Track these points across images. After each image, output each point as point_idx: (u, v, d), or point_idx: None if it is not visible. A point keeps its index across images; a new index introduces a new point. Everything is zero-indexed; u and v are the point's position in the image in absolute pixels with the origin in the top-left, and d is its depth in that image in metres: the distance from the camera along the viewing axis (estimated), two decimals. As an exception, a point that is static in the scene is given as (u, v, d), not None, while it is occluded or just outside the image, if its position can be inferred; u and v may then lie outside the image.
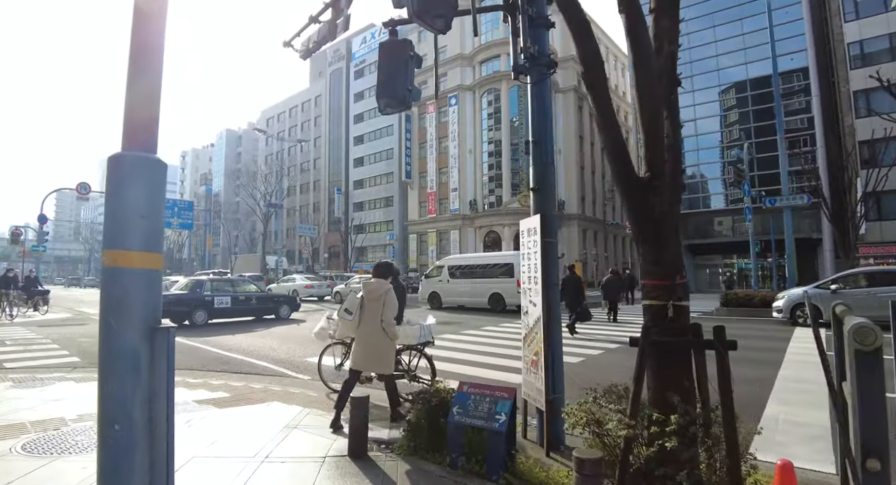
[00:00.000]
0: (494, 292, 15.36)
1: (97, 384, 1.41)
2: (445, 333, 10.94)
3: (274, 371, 7.02)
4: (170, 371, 1.38)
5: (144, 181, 1.41)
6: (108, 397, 1.35)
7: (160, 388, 1.35)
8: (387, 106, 4.09)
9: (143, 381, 1.34)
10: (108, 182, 1.42)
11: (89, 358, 7.73)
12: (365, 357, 4.30)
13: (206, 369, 7.01)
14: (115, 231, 1.41)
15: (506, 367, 7.11)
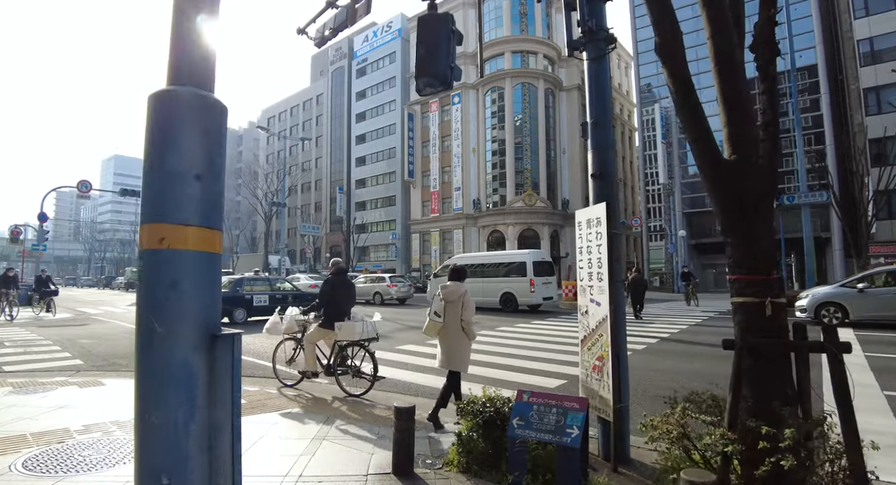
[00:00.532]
0: (506, 292, 14.96)
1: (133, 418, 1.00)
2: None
3: (288, 375, 6.62)
4: (235, 394, 0.96)
5: (201, 128, 1.00)
6: (150, 434, 0.92)
7: (223, 419, 0.93)
8: (427, 85, 3.68)
9: (200, 408, 0.92)
10: (151, 129, 1.00)
11: (92, 360, 7.33)
12: (445, 354, 4.47)
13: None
14: (160, 198, 1.00)
15: (534, 370, 6.72)
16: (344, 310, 5.53)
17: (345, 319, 5.43)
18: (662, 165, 35.58)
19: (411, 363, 7.31)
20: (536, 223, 41.10)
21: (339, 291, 5.56)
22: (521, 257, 15.12)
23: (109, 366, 6.92)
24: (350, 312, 5.59)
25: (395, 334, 10.53)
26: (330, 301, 5.51)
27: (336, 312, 5.44)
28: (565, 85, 45.23)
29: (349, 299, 5.69)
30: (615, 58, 57.54)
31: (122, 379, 6.05)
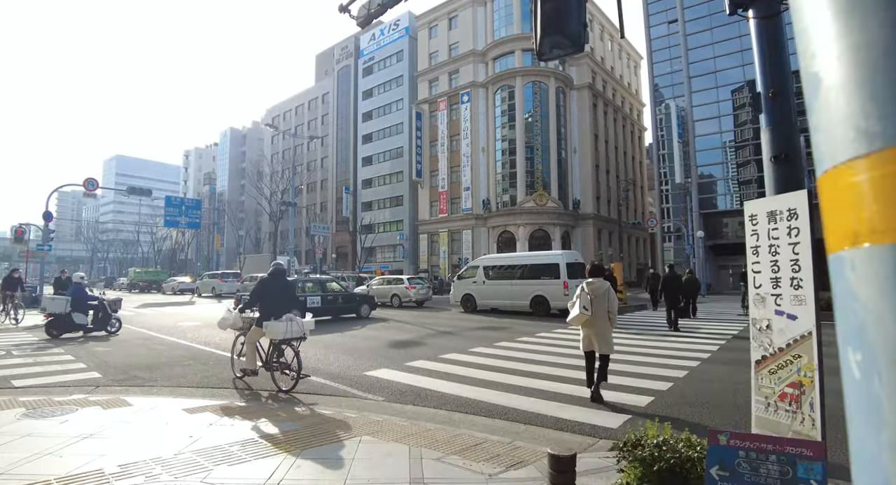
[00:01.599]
0: (538, 295, 14.21)
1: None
2: (501, 340, 9.79)
3: (334, 390, 5.87)
4: None
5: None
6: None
7: None
8: (554, 47, 2.93)
9: None
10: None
11: (110, 373, 6.57)
12: (597, 341, 5.38)
13: (258, 388, 5.86)
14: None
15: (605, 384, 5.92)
16: (274, 310, 5.76)
17: (271, 318, 5.68)
18: (679, 164, 34.84)
19: (457, 374, 6.55)
20: (547, 224, 40.35)
21: (271, 292, 5.89)
22: (554, 258, 14.35)
23: (130, 380, 6.16)
24: (284, 312, 5.80)
25: (430, 341, 9.78)
26: (261, 301, 5.88)
27: (267, 311, 5.75)
28: (576, 83, 44.51)
29: (283, 300, 5.92)
30: (624, 57, 56.90)
31: (148, 397, 5.29)
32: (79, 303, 10.29)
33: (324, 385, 6.09)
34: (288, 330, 5.63)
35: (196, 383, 6.16)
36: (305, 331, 5.88)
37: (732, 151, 35.98)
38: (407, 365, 7.32)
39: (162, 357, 7.88)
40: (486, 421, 4.69)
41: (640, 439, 2.50)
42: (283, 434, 4.02)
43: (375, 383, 6.20)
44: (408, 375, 6.66)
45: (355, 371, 6.91)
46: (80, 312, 10.35)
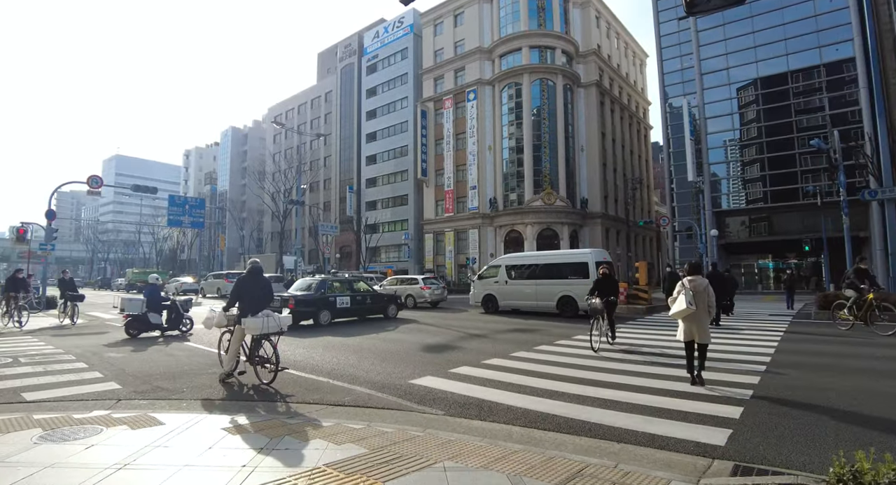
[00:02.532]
0: (565, 295, 13.60)
1: None
2: (539, 344, 9.17)
3: (385, 402, 5.25)
4: None
5: None
6: None
7: None
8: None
9: None
10: None
11: (130, 384, 5.94)
12: (698, 331, 5.86)
13: (297, 400, 5.24)
14: None
15: (661, 390, 5.31)
16: (253, 307, 6.04)
17: (248, 315, 5.96)
18: (691, 163, 34.27)
19: (511, 382, 5.93)
20: (556, 223, 39.80)
21: (249, 290, 6.15)
22: (582, 257, 13.73)
23: (153, 392, 5.53)
24: (262, 309, 6.12)
25: (465, 345, 9.15)
26: (239, 298, 6.15)
27: (245, 308, 6.05)
28: (583, 81, 43.96)
29: (260, 297, 6.20)
30: (629, 55, 56.38)
31: (178, 413, 4.66)
32: (153, 303, 10.60)
33: (370, 396, 5.47)
34: (265, 325, 5.91)
35: (225, 394, 5.54)
36: (283, 326, 6.20)
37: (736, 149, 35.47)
38: (452, 372, 6.73)
39: (182, 365, 7.25)
40: (574, 440, 4.08)
41: (856, 474, 1.89)
42: (353, 461, 3.40)
43: (426, 394, 5.59)
44: (458, 383, 6.06)
45: (399, 379, 6.30)
46: (155, 313, 10.67)
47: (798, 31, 32.34)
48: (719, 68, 34.99)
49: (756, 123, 33.76)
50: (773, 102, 33.09)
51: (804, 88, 32.08)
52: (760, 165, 33.42)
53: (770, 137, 33.02)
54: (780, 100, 32.96)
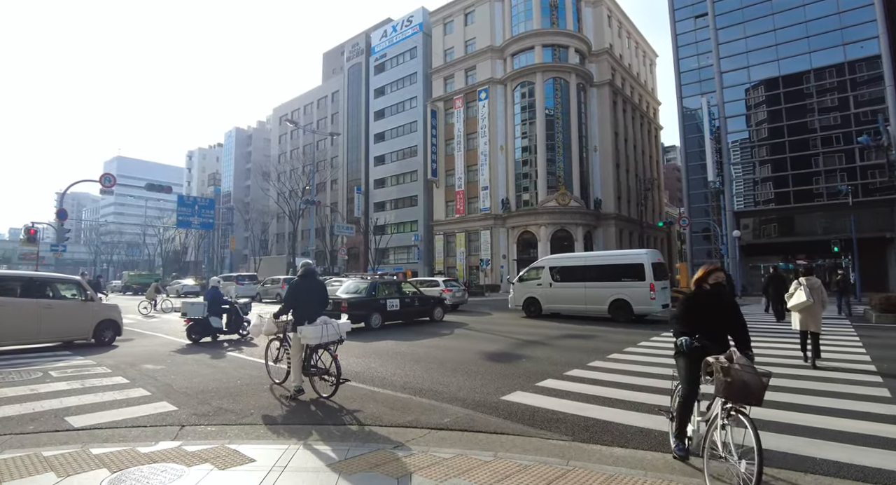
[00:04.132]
0: (618, 298, 12.85)
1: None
2: (609, 352, 8.37)
3: (492, 424, 4.45)
4: None
5: None
6: None
7: None
8: None
9: None
10: None
11: (187, 403, 5.13)
12: (813, 322, 7.03)
13: (389, 423, 4.44)
14: None
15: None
16: (310, 313, 5.44)
17: (305, 322, 5.36)
18: (711, 162, 33.56)
19: (613, 397, 5.15)
20: (570, 224, 39.09)
21: (305, 295, 5.54)
22: (637, 258, 12.96)
23: (217, 414, 4.73)
24: (318, 315, 5.49)
25: (528, 352, 8.34)
26: (296, 305, 5.52)
27: (301, 315, 5.44)
28: (596, 80, 43.33)
29: (317, 302, 5.61)
30: (640, 54, 55.81)
31: (260, 444, 3.87)
32: (214, 307, 10.32)
33: (471, 417, 4.67)
34: (324, 333, 5.30)
35: (304, 417, 4.74)
36: (342, 333, 5.54)
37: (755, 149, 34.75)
38: (540, 386, 5.97)
39: (233, 378, 6.44)
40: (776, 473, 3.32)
41: None
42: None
43: (530, 413, 4.83)
44: (555, 400, 5.31)
45: (487, 395, 5.52)
46: (215, 316, 10.35)
47: (821, 29, 31.68)
48: (739, 67, 34.29)
49: (778, 122, 33.05)
50: (796, 101, 32.40)
51: (828, 86, 31.39)
52: (782, 164, 32.70)
53: (792, 137, 32.31)
54: (803, 98, 32.26)
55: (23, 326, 8.60)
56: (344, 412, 4.85)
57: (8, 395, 5.37)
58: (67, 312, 9.30)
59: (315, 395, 5.41)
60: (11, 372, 6.66)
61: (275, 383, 5.99)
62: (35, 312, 8.74)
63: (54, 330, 9.08)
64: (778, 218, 33.84)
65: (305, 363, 5.45)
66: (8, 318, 8.31)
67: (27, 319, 8.62)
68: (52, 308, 9.01)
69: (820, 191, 31.50)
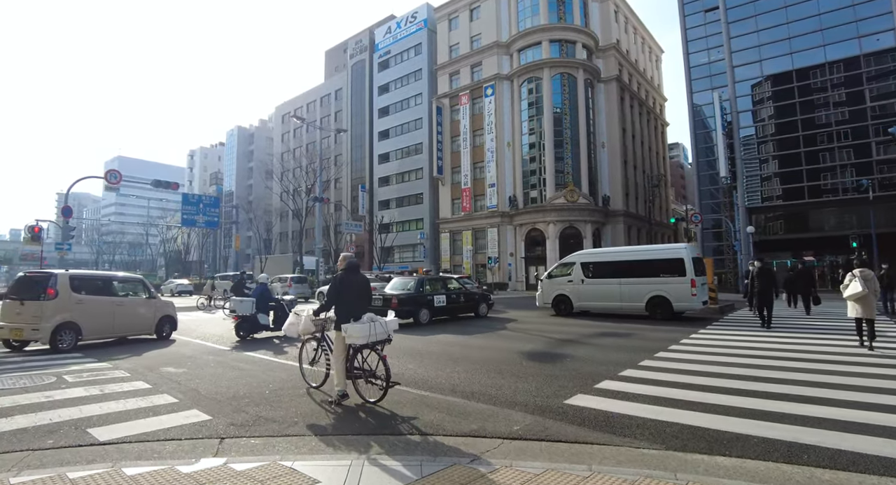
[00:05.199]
0: (656, 295, 12.31)
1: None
2: (655, 350, 7.85)
3: (565, 432, 3.95)
4: None
5: None
6: None
7: None
8: None
9: None
10: None
11: (220, 411, 4.59)
12: (866, 310, 7.57)
13: (455, 432, 3.92)
14: None
15: None
16: (354, 310, 4.96)
17: (350, 319, 4.87)
18: (723, 158, 33.03)
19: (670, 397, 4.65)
20: (579, 221, 38.60)
21: (350, 290, 5.01)
22: (676, 252, 12.42)
23: (257, 423, 4.20)
24: (363, 312, 5.01)
25: (571, 352, 7.81)
26: (339, 301, 5.00)
27: (345, 312, 4.95)
28: (603, 76, 42.79)
29: (361, 299, 5.12)
30: (646, 50, 55.28)
31: (316, 459, 3.35)
32: (262, 304, 10.41)
33: (542, 424, 4.13)
34: (372, 332, 4.80)
35: (356, 425, 4.21)
36: (390, 332, 5.04)
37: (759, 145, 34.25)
38: (598, 388, 5.49)
39: (263, 382, 5.92)
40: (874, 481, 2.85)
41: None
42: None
43: (603, 418, 4.35)
44: (620, 403, 4.84)
45: (547, 399, 5.02)
46: (263, 313, 10.47)
47: (835, 22, 31.15)
48: (751, 61, 33.74)
49: (791, 117, 32.52)
50: (809, 95, 31.87)
51: (843, 80, 30.86)
52: (795, 159, 32.17)
53: (806, 131, 31.79)
54: (817, 92, 31.73)
55: (103, 322, 9.20)
56: (398, 420, 4.34)
57: (20, 403, 4.83)
58: (135, 309, 9.95)
59: (360, 400, 4.91)
60: (22, 376, 6.13)
61: (311, 387, 5.50)
62: (111, 310, 9.38)
63: (125, 325, 9.74)
64: (790, 214, 33.35)
65: (348, 365, 4.95)
66: (91, 315, 8.94)
67: (105, 316, 9.24)
68: (123, 305, 9.69)
69: (835, 186, 31.01)
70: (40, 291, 8.49)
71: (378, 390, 4.79)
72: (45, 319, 8.29)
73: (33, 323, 8.25)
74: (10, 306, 8.56)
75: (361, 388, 4.95)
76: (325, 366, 5.42)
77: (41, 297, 8.42)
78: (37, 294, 8.49)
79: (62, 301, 8.53)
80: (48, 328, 8.27)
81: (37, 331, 8.23)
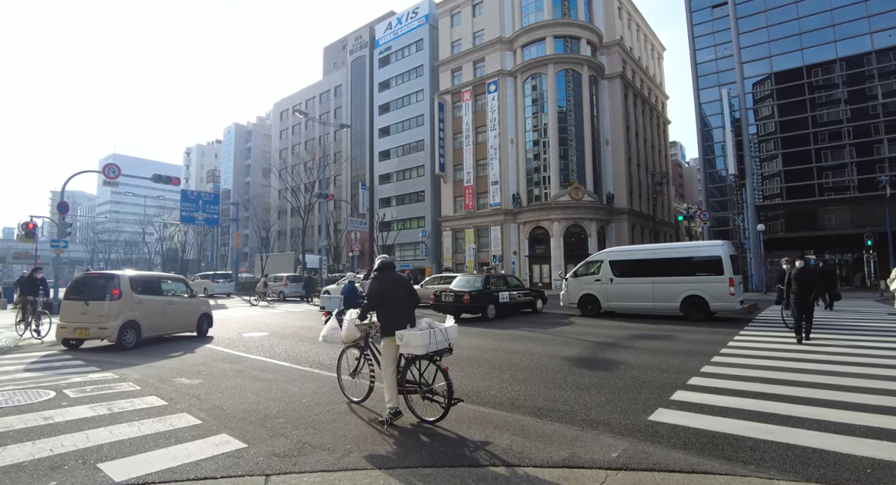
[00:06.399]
0: (692, 294, 11.69)
1: None
2: (707, 354, 7.21)
3: (670, 459, 3.28)
4: None
5: None
6: None
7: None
8: None
9: None
10: None
11: (254, 435, 3.89)
12: None
13: (546, 463, 3.24)
14: None
15: None
16: (403, 315, 4.36)
17: (407, 326, 4.26)
18: (732, 155, 32.52)
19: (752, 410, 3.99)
20: (583, 219, 38.05)
21: (392, 291, 4.42)
22: (713, 250, 11.82)
23: (302, 452, 3.49)
24: (413, 316, 4.41)
25: (620, 357, 7.12)
26: (381, 303, 4.41)
27: (393, 317, 4.36)
28: (607, 73, 42.24)
29: (408, 301, 4.48)
30: (648, 47, 54.81)
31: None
32: (349, 301, 10.71)
33: (644, 450, 3.46)
34: (432, 341, 4.12)
35: (422, 453, 3.51)
36: (451, 340, 4.35)
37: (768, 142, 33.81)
38: (676, 400, 4.88)
39: (294, 396, 5.21)
40: None
41: None
42: None
43: (705, 439, 3.73)
44: (716, 420, 4.24)
45: (626, 415, 4.38)
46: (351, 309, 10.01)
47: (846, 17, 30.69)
48: (761, 57, 33.26)
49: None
50: (819, 92, 31.42)
51: (854, 76, 30.43)
52: (805, 156, 31.73)
53: (818, 128, 31.35)
54: (826, 89, 31.29)
55: (157, 320, 9.66)
56: (471, 446, 3.65)
57: (14, 427, 4.05)
58: (182, 308, 10.43)
59: (414, 418, 4.29)
60: (16, 391, 5.38)
61: (352, 402, 4.87)
62: (162, 309, 9.87)
63: (174, 324, 10.24)
64: (797, 212, 32.92)
65: (400, 377, 4.33)
66: (148, 314, 9.39)
67: (158, 315, 9.72)
68: (172, 305, 10.19)
69: (843, 184, 30.61)
70: (105, 291, 8.81)
71: (438, 408, 4.17)
72: (112, 318, 8.66)
73: (100, 322, 8.54)
74: (73, 306, 8.73)
75: (416, 404, 4.34)
76: (368, 378, 4.81)
77: (107, 297, 8.74)
78: (101, 294, 8.79)
79: (126, 301, 8.93)
80: (115, 327, 8.64)
81: (104, 329, 8.54)
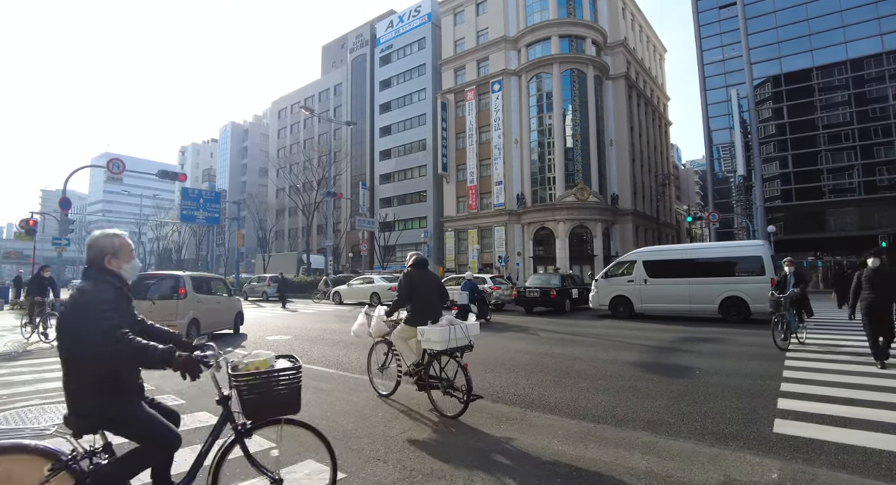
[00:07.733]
0: (731, 296, 11.31)
1: None
2: (772, 358, 6.74)
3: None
4: None
5: None
6: None
7: None
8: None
9: None
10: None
11: (352, 462, 3.28)
12: None
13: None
14: None
15: None
16: (429, 310, 4.58)
17: (429, 322, 4.37)
18: (741, 156, 32.39)
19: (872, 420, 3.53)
20: (589, 220, 37.75)
21: (422, 287, 4.69)
22: (753, 250, 11.46)
23: (409, 480, 2.94)
24: (439, 312, 4.66)
25: (684, 361, 6.63)
26: (411, 297, 4.67)
27: (420, 312, 4.56)
28: (612, 73, 42.02)
29: (436, 297, 4.79)
30: (650, 48, 54.78)
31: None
32: (473, 295, 12.18)
33: (805, 472, 2.96)
34: (451, 337, 4.29)
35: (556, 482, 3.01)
36: (471, 337, 4.49)
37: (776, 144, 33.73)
38: (787, 410, 4.47)
39: (359, 408, 4.59)
40: None
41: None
42: None
43: (861, 456, 3.24)
44: (854, 433, 3.83)
45: (743, 426, 3.92)
46: (473, 303, 12.31)
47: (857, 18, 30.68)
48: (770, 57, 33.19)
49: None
50: (829, 93, 31.38)
51: (864, 77, 30.41)
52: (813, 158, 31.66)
53: (827, 130, 31.29)
54: (835, 90, 31.26)
55: (211, 318, 10.15)
56: (611, 471, 3.11)
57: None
58: (224, 306, 10.97)
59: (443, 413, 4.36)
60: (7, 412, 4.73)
61: (381, 396, 5.03)
62: (214, 307, 10.41)
63: (220, 321, 10.76)
64: (805, 213, 32.85)
65: (423, 372, 4.49)
66: (205, 312, 9.91)
67: (211, 313, 10.23)
68: (220, 303, 10.76)
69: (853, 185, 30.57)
70: (172, 291, 9.29)
71: (458, 404, 4.26)
72: (180, 316, 9.08)
73: (169, 319, 8.66)
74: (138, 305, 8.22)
75: (438, 400, 4.39)
76: (395, 373, 4.99)
77: (174, 296, 9.21)
78: (168, 294, 9.29)
79: (190, 300, 9.40)
80: (183, 324, 9.00)
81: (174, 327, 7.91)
